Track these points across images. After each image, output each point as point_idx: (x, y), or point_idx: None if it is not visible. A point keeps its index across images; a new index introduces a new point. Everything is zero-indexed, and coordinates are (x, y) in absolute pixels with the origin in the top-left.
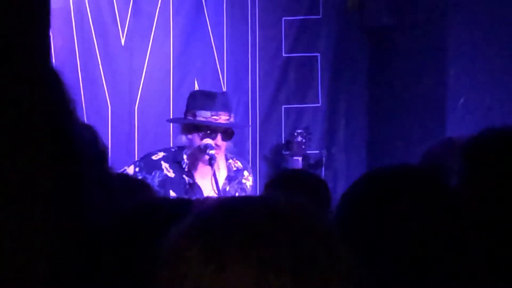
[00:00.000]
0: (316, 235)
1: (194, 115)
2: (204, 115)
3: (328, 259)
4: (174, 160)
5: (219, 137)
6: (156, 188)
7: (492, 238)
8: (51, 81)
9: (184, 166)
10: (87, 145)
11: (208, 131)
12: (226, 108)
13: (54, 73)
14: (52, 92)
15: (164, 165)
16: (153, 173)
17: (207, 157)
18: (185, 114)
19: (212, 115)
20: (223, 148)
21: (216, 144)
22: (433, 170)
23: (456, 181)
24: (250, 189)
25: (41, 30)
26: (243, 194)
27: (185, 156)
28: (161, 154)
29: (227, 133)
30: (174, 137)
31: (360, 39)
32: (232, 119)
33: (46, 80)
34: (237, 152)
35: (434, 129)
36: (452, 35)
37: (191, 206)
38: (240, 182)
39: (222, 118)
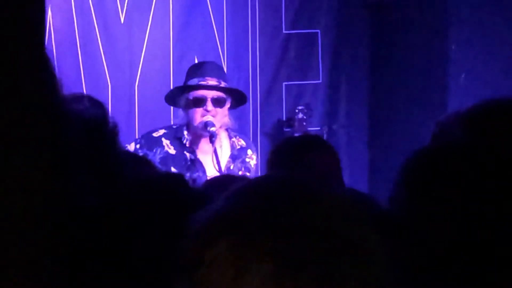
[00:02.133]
0: (349, 246)
1: (185, 86)
2: (191, 83)
3: (356, 270)
4: (175, 136)
5: (209, 103)
6: (157, 165)
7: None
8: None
9: (185, 142)
10: (97, 122)
11: (196, 97)
12: (213, 73)
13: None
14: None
15: (165, 141)
16: (154, 150)
17: (208, 133)
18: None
19: (199, 81)
20: (219, 120)
21: (206, 110)
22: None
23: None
24: (254, 167)
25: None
26: (247, 173)
27: (185, 132)
28: (162, 131)
29: (218, 99)
30: (174, 114)
31: (360, 15)
32: (223, 84)
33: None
34: (238, 129)
35: (435, 105)
36: (453, 10)
37: (187, 182)
38: (243, 161)
39: (210, 82)
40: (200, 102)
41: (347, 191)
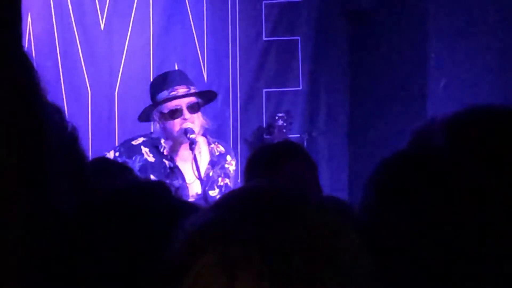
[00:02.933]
0: (333, 257)
1: (156, 101)
2: (162, 96)
3: (339, 280)
4: (153, 144)
5: (185, 111)
6: (137, 173)
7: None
8: (20, 62)
9: (162, 150)
10: (56, 128)
11: (171, 109)
12: (182, 82)
13: (23, 54)
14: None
15: (144, 149)
16: (133, 158)
17: (188, 140)
18: (152, 102)
19: (169, 92)
20: (197, 126)
21: (184, 118)
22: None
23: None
24: (233, 173)
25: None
26: (226, 179)
27: (162, 140)
28: (141, 139)
29: (193, 105)
30: (154, 123)
31: (340, 23)
32: (193, 90)
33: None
34: (218, 136)
35: (415, 111)
36: (432, 17)
37: (168, 189)
38: (223, 167)
39: (180, 91)
40: (176, 113)
41: (326, 199)
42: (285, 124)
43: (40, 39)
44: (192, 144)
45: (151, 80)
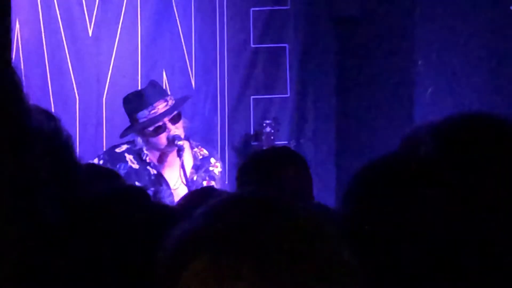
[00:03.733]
0: (323, 264)
1: (137, 120)
2: (143, 116)
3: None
4: (136, 152)
5: (169, 125)
6: None
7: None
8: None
9: (144, 158)
10: (50, 135)
11: (155, 127)
12: (158, 96)
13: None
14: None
15: (128, 157)
16: (117, 166)
17: (175, 148)
18: (130, 121)
19: (149, 111)
20: (182, 132)
21: (169, 132)
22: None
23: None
24: (219, 175)
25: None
26: (212, 181)
27: (144, 148)
28: (124, 147)
29: (174, 117)
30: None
31: (328, 30)
32: (171, 102)
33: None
34: (206, 142)
35: (402, 120)
36: (420, 26)
37: (148, 195)
38: (207, 170)
39: (160, 108)
40: (160, 129)
41: (314, 206)
42: (272, 131)
43: (28, 44)
44: (180, 151)
45: (140, 86)
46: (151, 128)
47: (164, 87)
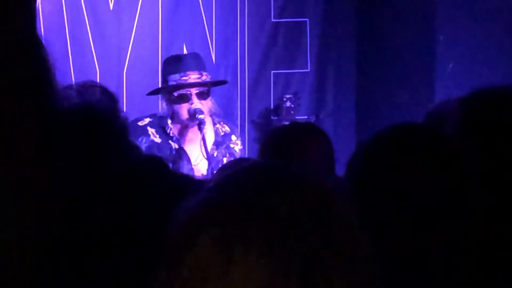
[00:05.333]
0: (334, 241)
1: (167, 82)
2: (173, 79)
3: (341, 265)
4: (159, 125)
5: (194, 97)
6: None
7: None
8: (34, 46)
9: (168, 131)
10: (108, 115)
11: (180, 94)
12: (195, 67)
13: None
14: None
15: (151, 130)
16: (139, 139)
17: (196, 121)
18: (162, 83)
19: (181, 77)
20: (206, 109)
21: (192, 103)
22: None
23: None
24: (240, 152)
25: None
26: (231, 158)
27: (169, 121)
28: (147, 120)
29: (202, 92)
30: (162, 101)
31: (349, 5)
32: (205, 77)
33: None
34: (225, 116)
35: (423, 94)
36: (441, 2)
37: (167, 165)
38: (228, 147)
39: (192, 77)
40: (185, 98)
41: (334, 180)
42: (292, 105)
43: (49, 18)
44: (201, 124)
45: (160, 60)
46: (176, 94)
47: None
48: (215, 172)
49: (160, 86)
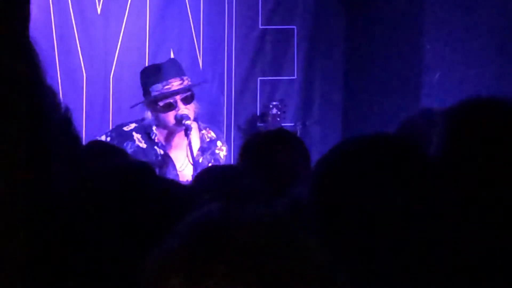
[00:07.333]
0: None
1: (149, 93)
2: (156, 89)
3: None
4: (145, 131)
5: (179, 103)
6: None
7: (469, 209)
8: (27, 49)
9: (153, 137)
10: (50, 109)
11: (166, 103)
12: (175, 73)
13: (29, 41)
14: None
15: (136, 135)
16: (124, 144)
17: (183, 127)
18: (143, 94)
19: (163, 86)
20: (191, 114)
21: (178, 110)
22: (409, 139)
23: (434, 151)
24: (224, 159)
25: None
26: (216, 164)
27: (154, 127)
28: (132, 125)
29: (186, 97)
30: (147, 110)
31: (336, 12)
32: (186, 82)
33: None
34: (211, 122)
35: (410, 103)
36: (428, 9)
37: (153, 170)
38: (213, 153)
39: (174, 85)
40: (171, 106)
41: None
42: (279, 112)
43: (36, 21)
44: (187, 130)
45: (147, 64)
46: (161, 103)
47: None
48: (194, 176)
49: (143, 96)
